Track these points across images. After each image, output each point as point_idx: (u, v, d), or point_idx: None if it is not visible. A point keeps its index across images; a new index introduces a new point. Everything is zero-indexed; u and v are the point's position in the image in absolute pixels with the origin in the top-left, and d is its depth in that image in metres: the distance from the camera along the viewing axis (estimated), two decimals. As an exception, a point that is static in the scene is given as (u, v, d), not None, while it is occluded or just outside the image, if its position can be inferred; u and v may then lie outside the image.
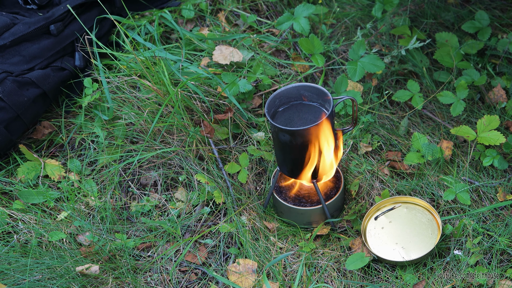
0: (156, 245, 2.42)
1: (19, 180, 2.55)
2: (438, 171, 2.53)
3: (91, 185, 2.54)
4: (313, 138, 2.22)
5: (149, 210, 2.51)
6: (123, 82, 2.65)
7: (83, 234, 2.41)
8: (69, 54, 2.72)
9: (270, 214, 2.53)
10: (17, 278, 2.24)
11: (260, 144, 2.61)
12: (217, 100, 2.62)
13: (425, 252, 2.29)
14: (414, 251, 2.31)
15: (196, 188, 2.52)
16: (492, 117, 2.50)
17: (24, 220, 2.43)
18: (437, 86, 2.79)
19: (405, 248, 2.32)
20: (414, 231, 2.36)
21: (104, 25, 2.80)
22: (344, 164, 2.61)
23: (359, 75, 2.65)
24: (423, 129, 2.70)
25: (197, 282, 2.34)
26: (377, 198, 2.47)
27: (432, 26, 2.95)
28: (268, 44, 2.87)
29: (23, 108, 2.53)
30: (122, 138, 2.61)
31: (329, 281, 2.32)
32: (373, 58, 2.66)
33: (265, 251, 2.40)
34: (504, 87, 2.73)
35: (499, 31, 2.91)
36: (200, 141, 2.57)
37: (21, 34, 2.60)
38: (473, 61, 2.80)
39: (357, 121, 2.41)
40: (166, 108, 2.57)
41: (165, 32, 2.92)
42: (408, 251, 2.31)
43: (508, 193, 2.47)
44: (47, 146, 2.68)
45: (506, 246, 2.30)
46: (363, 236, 2.37)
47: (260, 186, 2.59)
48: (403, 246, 2.33)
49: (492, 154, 2.53)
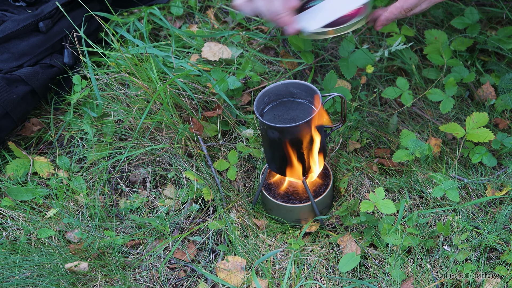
0: (145, 242, 2.42)
1: (8, 177, 2.54)
2: (427, 168, 2.54)
3: (80, 182, 2.54)
4: (302, 136, 2.22)
5: (138, 207, 2.51)
6: (112, 79, 2.65)
7: (72, 231, 2.41)
8: (58, 51, 2.71)
9: (259, 211, 2.53)
10: (6, 275, 2.24)
11: (249, 141, 2.61)
12: (206, 97, 2.62)
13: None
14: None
15: (185, 185, 2.52)
16: (481, 114, 2.51)
17: (13, 217, 2.43)
18: (426, 83, 2.79)
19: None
20: None
21: (93, 22, 2.80)
22: (333, 161, 2.61)
23: (351, 71, 2.65)
24: (412, 127, 2.70)
25: (186, 279, 2.34)
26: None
27: (421, 23, 2.95)
28: (257, 41, 2.87)
29: (12, 105, 2.53)
30: (111, 135, 2.60)
31: (318, 278, 2.33)
32: (363, 53, 2.66)
33: (254, 248, 2.40)
34: (493, 84, 2.74)
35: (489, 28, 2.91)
36: (189, 138, 2.57)
37: (10, 31, 2.60)
38: (463, 58, 2.80)
39: (346, 118, 2.42)
40: (155, 105, 2.57)
41: (154, 29, 2.92)
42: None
43: (497, 190, 2.47)
44: (36, 143, 2.68)
45: (494, 243, 2.31)
46: None
47: (249, 183, 2.60)
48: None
49: (481, 151, 2.53)
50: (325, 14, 2.18)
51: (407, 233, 2.31)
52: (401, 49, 2.80)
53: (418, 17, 2.96)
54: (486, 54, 2.86)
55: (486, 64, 2.82)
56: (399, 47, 2.71)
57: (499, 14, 2.93)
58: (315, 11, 2.20)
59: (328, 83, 2.67)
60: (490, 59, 2.83)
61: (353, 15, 2.14)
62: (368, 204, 2.33)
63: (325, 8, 2.20)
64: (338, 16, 2.15)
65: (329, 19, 2.16)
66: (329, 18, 2.16)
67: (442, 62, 2.73)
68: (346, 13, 2.15)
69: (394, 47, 2.72)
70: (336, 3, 2.19)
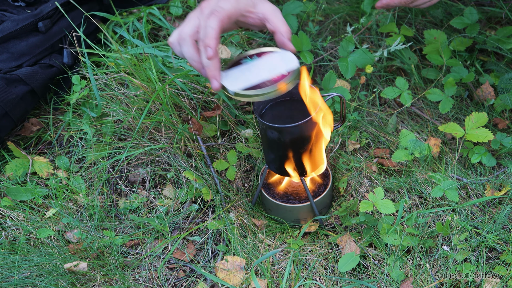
0: (144, 242, 2.42)
1: (7, 177, 2.54)
2: (426, 168, 2.54)
3: (79, 182, 2.53)
4: (301, 135, 2.22)
5: (137, 207, 2.51)
6: (111, 79, 2.65)
7: (71, 231, 2.41)
8: (57, 51, 2.71)
9: (258, 211, 2.53)
10: (5, 275, 2.24)
11: (248, 141, 2.61)
12: (205, 97, 2.62)
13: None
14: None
15: (184, 185, 2.52)
16: (480, 114, 2.51)
17: (12, 217, 2.43)
18: (425, 83, 2.79)
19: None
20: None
21: (92, 22, 2.80)
22: (332, 161, 2.61)
23: (351, 71, 2.65)
24: (411, 126, 2.70)
25: (185, 279, 2.34)
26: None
27: (420, 23, 2.96)
28: (256, 41, 2.87)
29: (11, 105, 2.53)
30: (110, 135, 2.60)
31: (317, 278, 2.33)
32: (362, 53, 2.66)
33: (253, 248, 2.40)
34: (492, 84, 2.74)
35: (488, 28, 2.91)
36: (188, 138, 2.57)
37: (9, 31, 2.60)
38: (462, 58, 2.80)
39: (345, 118, 2.42)
40: (154, 105, 2.57)
41: (153, 29, 2.92)
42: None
43: (496, 190, 2.47)
44: (35, 143, 2.68)
45: (494, 243, 2.31)
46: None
47: (248, 183, 2.60)
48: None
49: (480, 151, 2.53)
50: (249, 76, 2.12)
51: (406, 233, 2.31)
52: (400, 49, 2.80)
53: (417, 17, 2.96)
54: (485, 54, 2.86)
55: (485, 64, 2.82)
56: (398, 47, 2.71)
57: (498, 14, 2.93)
58: (242, 70, 2.15)
59: (327, 83, 2.67)
60: (490, 59, 2.83)
61: (277, 80, 2.07)
62: (367, 204, 2.33)
63: (252, 68, 2.15)
64: (261, 80, 2.09)
65: (251, 82, 2.10)
66: (251, 81, 2.10)
67: (441, 62, 2.73)
68: (271, 78, 2.09)
69: (393, 47, 2.72)
70: (264, 66, 2.15)
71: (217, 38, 2.02)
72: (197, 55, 2.08)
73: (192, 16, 2.10)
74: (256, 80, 2.09)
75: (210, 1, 2.09)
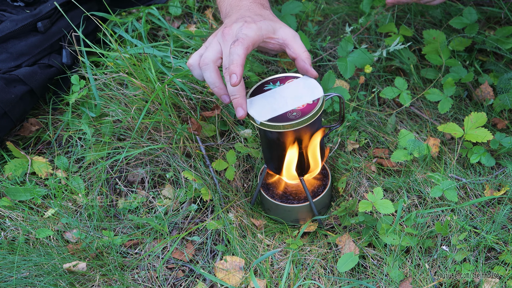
0: (143, 242, 2.42)
1: (6, 177, 2.54)
2: (425, 168, 2.54)
3: (78, 182, 2.53)
4: (300, 136, 2.22)
5: (136, 207, 2.51)
6: (111, 79, 2.65)
7: (71, 231, 2.40)
8: (57, 51, 2.71)
9: (257, 211, 2.53)
10: (4, 275, 2.24)
11: (248, 141, 2.61)
12: (204, 97, 2.62)
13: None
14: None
15: (183, 185, 2.52)
16: (480, 114, 2.51)
17: (11, 217, 2.43)
18: (425, 83, 2.79)
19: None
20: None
21: (91, 22, 2.79)
22: (331, 161, 2.61)
23: (350, 71, 2.65)
24: (410, 126, 2.70)
25: (184, 279, 2.34)
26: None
27: (419, 23, 2.96)
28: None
29: (10, 105, 2.52)
30: (109, 135, 2.60)
31: (316, 278, 2.33)
32: (362, 53, 2.66)
33: (252, 248, 2.40)
34: (491, 84, 2.74)
35: (487, 28, 2.91)
36: (187, 138, 2.57)
37: (8, 31, 2.59)
38: (461, 58, 2.80)
39: (344, 118, 2.42)
40: (153, 105, 2.57)
41: (152, 29, 2.92)
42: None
43: (495, 190, 2.47)
44: (34, 143, 2.68)
45: (493, 243, 2.31)
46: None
47: (247, 183, 2.59)
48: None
49: (479, 151, 2.53)
50: (274, 105, 2.14)
51: (405, 233, 2.31)
52: (399, 49, 2.80)
53: (416, 17, 2.96)
54: (484, 54, 2.86)
55: (484, 64, 2.82)
56: (397, 47, 2.71)
57: (497, 14, 2.93)
58: (267, 97, 2.16)
59: (326, 83, 2.66)
60: (489, 59, 2.83)
61: (303, 110, 2.10)
62: (366, 204, 2.33)
63: (277, 96, 2.17)
64: (287, 110, 2.12)
65: (277, 111, 2.12)
66: (277, 111, 2.12)
67: (440, 62, 2.73)
68: (297, 108, 2.11)
69: (392, 47, 2.72)
70: (288, 94, 2.16)
71: (243, 65, 2.04)
72: (220, 81, 2.11)
73: (214, 41, 2.12)
74: (282, 110, 2.12)
75: (232, 28, 2.10)
